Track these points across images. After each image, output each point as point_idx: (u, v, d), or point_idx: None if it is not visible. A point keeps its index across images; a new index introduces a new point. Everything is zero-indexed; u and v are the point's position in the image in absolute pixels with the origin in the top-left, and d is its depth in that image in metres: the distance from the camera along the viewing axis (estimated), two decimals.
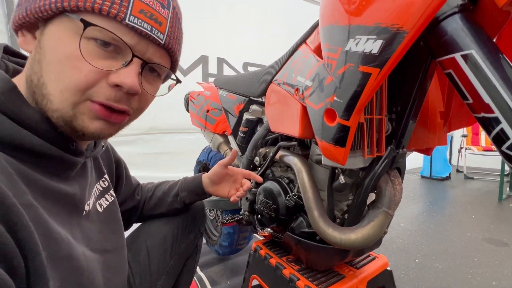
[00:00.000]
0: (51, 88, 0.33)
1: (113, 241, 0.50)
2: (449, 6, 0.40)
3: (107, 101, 0.35)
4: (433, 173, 3.37)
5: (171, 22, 0.38)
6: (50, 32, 0.33)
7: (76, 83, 0.33)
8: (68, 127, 0.35)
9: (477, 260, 1.42)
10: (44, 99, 0.33)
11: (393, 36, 0.39)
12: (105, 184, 0.53)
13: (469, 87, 0.39)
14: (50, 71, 0.33)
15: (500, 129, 0.37)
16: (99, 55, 0.34)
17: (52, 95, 0.33)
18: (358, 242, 0.58)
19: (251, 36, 2.48)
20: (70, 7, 0.31)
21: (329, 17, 0.53)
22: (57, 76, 0.33)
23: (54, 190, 0.35)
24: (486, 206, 2.32)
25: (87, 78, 0.33)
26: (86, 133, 0.35)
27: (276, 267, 0.78)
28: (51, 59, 0.33)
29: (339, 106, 0.49)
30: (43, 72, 0.33)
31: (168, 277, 0.66)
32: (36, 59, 0.33)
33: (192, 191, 0.72)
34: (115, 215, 0.53)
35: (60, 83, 0.33)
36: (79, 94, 0.33)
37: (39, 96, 0.33)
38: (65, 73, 0.32)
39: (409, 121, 0.55)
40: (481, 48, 0.38)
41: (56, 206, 0.35)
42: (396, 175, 0.62)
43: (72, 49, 0.32)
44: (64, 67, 0.32)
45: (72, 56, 0.32)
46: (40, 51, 0.33)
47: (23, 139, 0.31)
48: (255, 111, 0.92)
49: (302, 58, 0.67)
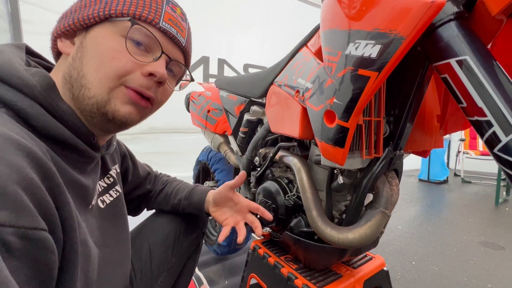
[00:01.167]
0: (90, 77, 0.38)
1: (116, 236, 0.51)
2: (445, 13, 0.42)
3: (140, 87, 0.41)
4: (431, 177, 3.39)
5: (188, 32, 0.48)
6: (94, 34, 0.40)
7: (115, 71, 0.39)
8: (100, 113, 0.39)
9: (473, 263, 1.44)
10: (82, 89, 0.38)
11: (391, 41, 0.41)
12: (110, 180, 0.54)
13: (463, 91, 0.41)
14: (90, 64, 0.38)
15: (492, 132, 0.38)
16: (135, 52, 0.40)
17: (91, 83, 0.38)
18: (355, 241, 0.60)
19: (252, 38, 2.50)
20: (116, 14, 0.39)
21: (330, 21, 0.54)
22: (98, 66, 0.38)
23: (75, 180, 0.38)
24: (483, 210, 2.34)
25: (126, 66, 0.39)
26: (116, 116, 0.40)
27: (274, 266, 0.79)
28: (93, 54, 0.39)
29: (339, 108, 0.51)
30: (83, 66, 0.39)
31: (168, 275, 0.67)
32: (77, 57, 0.39)
33: (193, 204, 0.69)
34: (120, 210, 0.55)
35: (100, 72, 0.38)
36: (115, 80, 0.39)
37: (77, 88, 0.39)
38: (106, 63, 0.38)
39: (407, 124, 0.57)
40: (475, 54, 0.40)
41: (74, 196, 0.38)
42: (393, 176, 0.64)
43: (114, 44, 0.39)
44: (105, 58, 0.39)
45: (114, 49, 0.39)
46: (82, 50, 0.39)
47: (57, 131, 0.35)
48: (256, 112, 0.93)
49: (303, 60, 0.68)
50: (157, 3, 0.42)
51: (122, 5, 0.39)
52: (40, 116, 0.34)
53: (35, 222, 0.26)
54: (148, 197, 0.72)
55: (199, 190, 0.71)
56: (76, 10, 0.41)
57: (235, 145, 1.09)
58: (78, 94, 0.39)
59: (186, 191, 0.71)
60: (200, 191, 0.71)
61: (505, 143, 0.37)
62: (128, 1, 0.40)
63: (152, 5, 0.41)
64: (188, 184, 0.75)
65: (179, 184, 0.75)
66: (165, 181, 0.75)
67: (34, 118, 0.33)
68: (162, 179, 0.76)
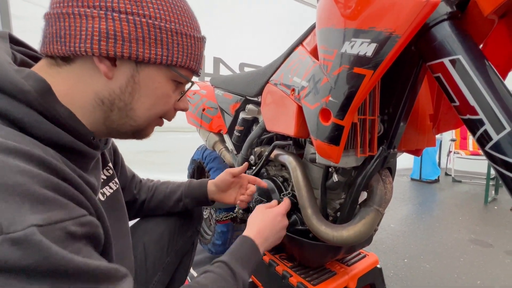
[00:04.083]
0: (140, 112, 0.42)
1: (117, 228, 0.51)
2: (439, 13, 0.43)
3: (171, 118, 0.48)
4: (422, 176, 3.44)
5: None
6: (149, 75, 0.40)
7: (162, 112, 0.44)
8: (131, 135, 0.45)
9: (463, 260, 1.46)
10: (127, 118, 0.42)
11: (386, 40, 0.41)
12: (109, 172, 0.54)
13: (456, 90, 0.42)
14: (142, 102, 0.41)
15: (484, 130, 0.39)
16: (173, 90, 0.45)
17: (139, 117, 0.42)
18: (350, 239, 0.60)
19: (248, 37, 2.49)
20: (176, 65, 0.41)
21: (326, 20, 0.55)
22: (150, 107, 0.42)
23: (85, 180, 0.39)
24: (473, 208, 2.39)
25: (170, 108, 0.45)
26: (144, 138, 0.47)
27: (269, 264, 0.79)
28: (147, 94, 0.41)
29: (334, 106, 0.51)
30: (133, 101, 0.41)
31: (163, 274, 0.66)
32: (127, 90, 0.40)
33: (196, 198, 0.71)
34: (120, 202, 0.54)
35: (152, 111, 0.43)
36: (159, 117, 0.45)
37: (120, 116, 0.41)
38: (159, 106, 0.43)
39: (400, 123, 0.57)
40: (468, 54, 0.40)
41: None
42: (387, 175, 0.65)
43: (168, 89, 0.43)
44: (159, 102, 0.43)
45: (167, 95, 0.44)
46: (134, 86, 0.40)
47: (57, 136, 0.35)
48: (251, 111, 0.93)
49: (299, 59, 0.68)
50: (201, 52, 0.45)
51: (182, 57, 0.41)
52: (38, 125, 0.32)
53: (80, 211, 0.30)
54: (134, 206, 0.69)
55: (196, 185, 0.73)
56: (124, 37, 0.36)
57: (230, 144, 1.09)
58: (119, 120, 0.41)
59: (181, 190, 0.71)
60: (198, 185, 0.73)
61: (496, 141, 0.38)
62: (185, 52, 0.41)
63: (199, 55, 0.45)
64: (177, 183, 0.74)
65: (168, 185, 0.73)
66: (151, 187, 0.72)
67: (33, 127, 0.32)
68: (147, 185, 0.72)
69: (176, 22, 0.39)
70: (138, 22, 0.36)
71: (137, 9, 0.36)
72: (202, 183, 0.73)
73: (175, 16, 0.39)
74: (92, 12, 0.34)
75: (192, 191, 0.71)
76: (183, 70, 0.43)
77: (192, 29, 0.42)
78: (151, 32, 0.37)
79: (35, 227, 0.24)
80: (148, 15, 0.37)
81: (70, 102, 0.37)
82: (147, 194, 0.70)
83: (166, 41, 0.39)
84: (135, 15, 0.36)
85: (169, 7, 0.39)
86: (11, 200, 0.25)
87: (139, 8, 0.36)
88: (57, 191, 0.28)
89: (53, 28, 0.35)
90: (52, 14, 0.35)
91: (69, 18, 0.34)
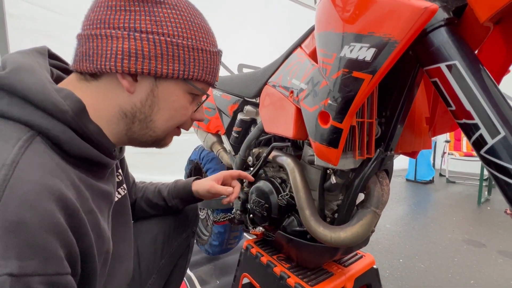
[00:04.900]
0: (159, 124, 0.44)
1: (122, 232, 0.53)
2: (436, 20, 0.44)
3: (188, 128, 0.50)
4: (417, 177, 3.49)
5: None
6: (167, 88, 0.42)
7: (179, 123, 0.47)
8: (151, 144, 0.47)
9: (457, 260, 1.49)
10: (147, 129, 0.44)
11: (385, 45, 0.42)
12: (119, 178, 0.55)
13: (452, 95, 0.43)
14: (161, 114, 0.43)
15: (479, 135, 0.40)
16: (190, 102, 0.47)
17: (159, 128, 0.45)
18: (347, 240, 0.61)
19: (247, 38, 2.49)
20: (193, 78, 0.43)
21: (325, 24, 0.55)
22: (168, 118, 0.44)
23: (101, 190, 0.42)
24: (466, 209, 2.42)
25: (187, 118, 0.47)
26: (164, 147, 0.49)
27: (267, 265, 0.80)
28: (166, 107, 0.43)
29: (333, 109, 0.52)
30: (153, 113, 0.43)
31: (158, 277, 0.65)
32: (147, 104, 0.42)
33: (183, 198, 0.71)
34: (126, 207, 0.56)
35: (170, 122, 0.45)
36: (177, 127, 0.48)
37: (141, 127, 0.43)
38: (176, 118, 0.45)
39: (397, 125, 0.58)
40: (464, 59, 0.41)
41: (102, 203, 0.43)
42: (384, 177, 0.65)
43: (185, 102, 0.45)
44: (177, 114, 0.45)
45: (184, 107, 0.46)
46: (153, 98, 0.42)
47: (86, 152, 0.38)
48: (249, 112, 0.93)
49: (298, 61, 0.69)
50: (216, 65, 0.47)
51: (198, 71, 0.43)
52: (71, 141, 0.36)
53: (61, 267, 0.29)
54: (133, 208, 0.70)
55: (181, 185, 0.72)
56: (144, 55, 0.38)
57: (228, 145, 1.09)
58: (140, 131, 0.44)
59: (167, 190, 0.71)
60: (183, 185, 0.72)
61: (491, 145, 0.39)
62: (201, 66, 0.43)
63: (215, 68, 0.46)
64: (166, 183, 0.74)
65: (157, 186, 0.73)
66: (141, 188, 0.73)
67: (67, 143, 0.35)
68: (138, 187, 0.73)
69: (193, 38, 0.41)
70: (157, 41, 0.38)
71: (156, 28, 0.38)
72: (186, 185, 0.72)
73: (191, 32, 0.41)
74: (117, 33, 0.37)
75: (178, 191, 0.71)
76: (199, 83, 0.45)
77: (208, 44, 0.44)
78: (169, 49, 0.39)
79: (8, 277, 0.25)
80: (167, 33, 0.39)
81: (98, 116, 0.40)
82: (137, 195, 0.71)
83: (183, 57, 0.41)
84: (154, 34, 0.38)
85: (186, 24, 0.41)
86: (5, 238, 0.26)
87: (158, 27, 0.38)
88: (57, 234, 0.29)
89: (83, 47, 0.39)
90: (83, 35, 0.39)
91: (97, 39, 0.38)
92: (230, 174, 0.75)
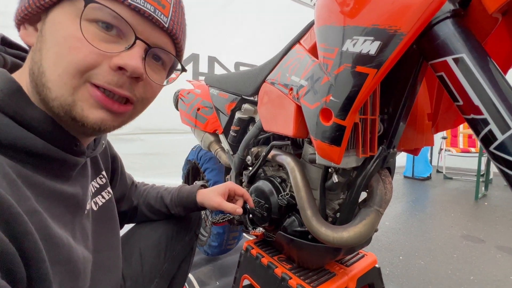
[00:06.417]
0: (49, 74, 0.31)
1: (108, 239, 0.48)
2: (442, 11, 0.42)
3: (108, 85, 0.33)
4: (415, 173, 3.50)
5: (174, 7, 0.38)
6: (51, 18, 0.32)
7: (74, 64, 0.31)
8: (69, 117, 0.33)
9: (456, 256, 1.49)
10: (44, 89, 0.32)
11: (391, 38, 0.40)
12: (102, 181, 0.51)
13: (459, 90, 0.41)
14: (49, 57, 0.31)
15: (489, 130, 0.38)
16: (101, 38, 0.33)
17: (51, 81, 0.31)
18: (350, 240, 0.59)
19: (243, 36, 2.47)
20: None
21: (326, 17, 0.53)
22: (55, 60, 0.31)
23: (57, 192, 0.34)
24: (464, 205, 2.43)
25: (87, 58, 0.32)
26: (86, 123, 0.34)
27: (268, 266, 0.78)
28: (50, 44, 0.31)
29: (335, 106, 0.50)
30: (42, 60, 0.32)
31: (161, 280, 0.64)
32: (37, 48, 0.32)
33: (186, 207, 0.69)
34: (112, 212, 0.52)
35: (59, 66, 0.31)
36: (78, 76, 0.32)
37: (40, 87, 0.32)
38: (63, 55, 0.31)
39: (400, 122, 0.57)
40: (471, 52, 0.40)
41: (59, 207, 0.35)
42: (386, 175, 0.64)
43: (72, 29, 0.31)
44: (62, 49, 0.31)
45: (71, 37, 0.31)
46: (41, 39, 0.32)
47: (26, 142, 0.31)
48: (247, 110, 0.91)
49: (297, 57, 0.67)
50: None
51: None
52: (6, 129, 0.29)
53: None
54: (133, 211, 0.68)
55: (185, 193, 0.69)
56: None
57: (226, 144, 1.07)
58: (42, 95, 0.32)
59: (170, 198, 0.69)
60: (187, 193, 0.69)
61: (501, 141, 0.37)
62: None
63: None
64: (169, 189, 0.72)
65: (159, 191, 0.71)
66: (143, 192, 0.70)
67: (1, 131, 0.29)
68: (139, 190, 0.70)
69: None
70: None
71: None
72: (191, 193, 0.69)
73: None
74: None
75: (181, 200, 0.68)
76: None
77: None
78: None
79: None
80: None
81: None
82: (139, 199, 0.69)
83: None
84: None
85: None
86: None
87: None
88: None
89: None
90: None
91: None
92: (235, 190, 0.72)
